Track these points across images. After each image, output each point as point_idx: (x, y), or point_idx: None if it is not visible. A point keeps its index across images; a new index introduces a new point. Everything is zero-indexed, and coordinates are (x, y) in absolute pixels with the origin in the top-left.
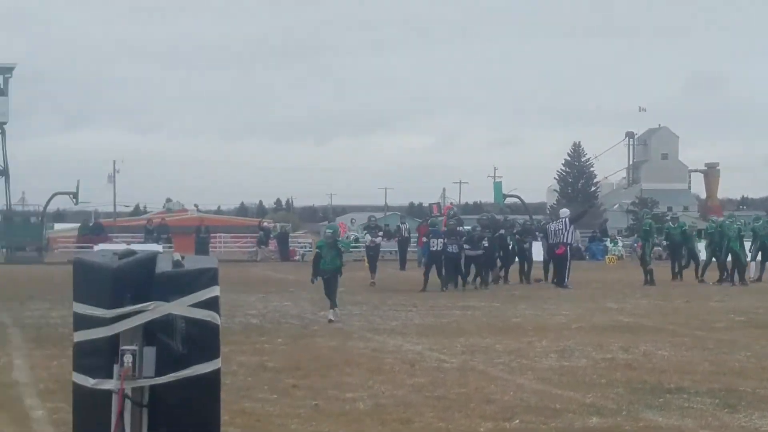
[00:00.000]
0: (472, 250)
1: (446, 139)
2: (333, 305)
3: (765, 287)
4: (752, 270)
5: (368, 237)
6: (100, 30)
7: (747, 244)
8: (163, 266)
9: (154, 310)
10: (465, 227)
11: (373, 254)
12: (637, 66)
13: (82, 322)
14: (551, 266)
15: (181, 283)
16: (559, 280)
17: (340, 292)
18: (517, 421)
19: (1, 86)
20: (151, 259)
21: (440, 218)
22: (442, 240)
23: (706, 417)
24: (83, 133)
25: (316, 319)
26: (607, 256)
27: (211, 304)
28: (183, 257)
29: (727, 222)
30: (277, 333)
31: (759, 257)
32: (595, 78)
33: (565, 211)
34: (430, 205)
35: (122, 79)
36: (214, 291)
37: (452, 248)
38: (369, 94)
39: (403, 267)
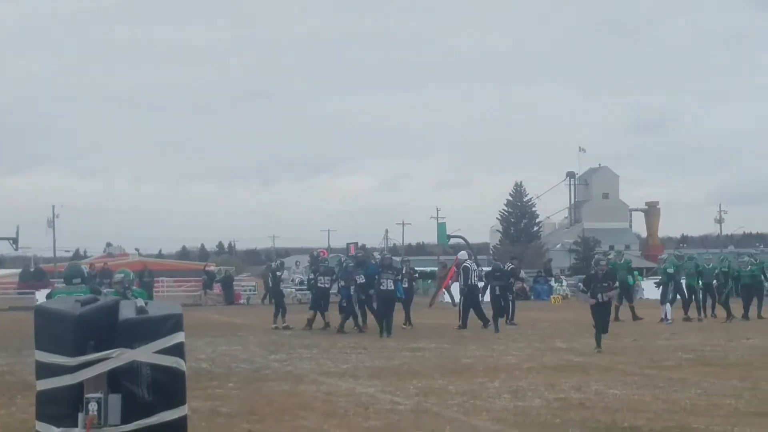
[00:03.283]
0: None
1: (390, 182)
2: None
3: (710, 325)
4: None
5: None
6: (42, 74)
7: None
8: (127, 313)
9: (119, 357)
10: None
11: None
12: (577, 107)
13: (44, 371)
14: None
15: (146, 330)
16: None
17: (288, 335)
18: None
19: None
20: (114, 305)
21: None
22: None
23: None
24: (22, 178)
25: (267, 363)
26: (552, 296)
27: (176, 350)
28: (147, 303)
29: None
30: (227, 378)
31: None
32: (536, 119)
33: (463, 254)
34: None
35: (63, 124)
36: (178, 337)
37: (387, 284)
38: (314, 138)
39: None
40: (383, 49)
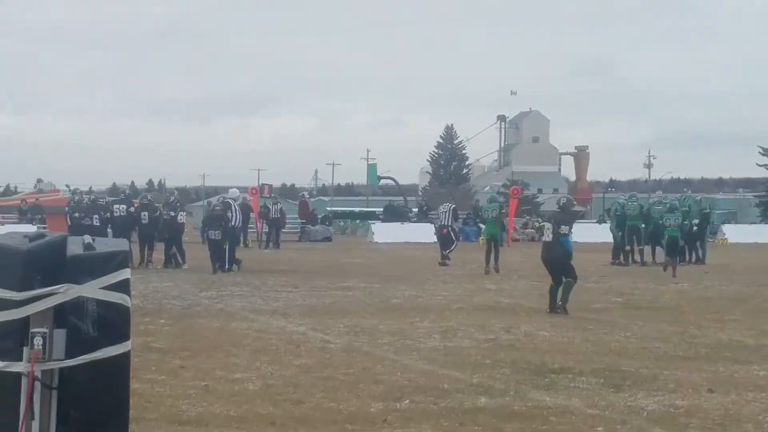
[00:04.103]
0: None
1: (323, 122)
2: None
3: (638, 270)
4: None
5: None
6: None
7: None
8: (74, 249)
9: (66, 292)
10: None
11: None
12: (511, 50)
13: None
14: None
15: (93, 266)
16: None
17: (221, 274)
18: (407, 401)
19: None
20: (62, 241)
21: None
22: None
23: (593, 397)
24: None
25: (198, 300)
26: (480, 238)
27: (122, 286)
28: (94, 240)
29: (628, 202)
30: (159, 314)
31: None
32: (470, 62)
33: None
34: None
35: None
36: (125, 273)
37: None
38: (250, 77)
39: (277, 245)
40: None
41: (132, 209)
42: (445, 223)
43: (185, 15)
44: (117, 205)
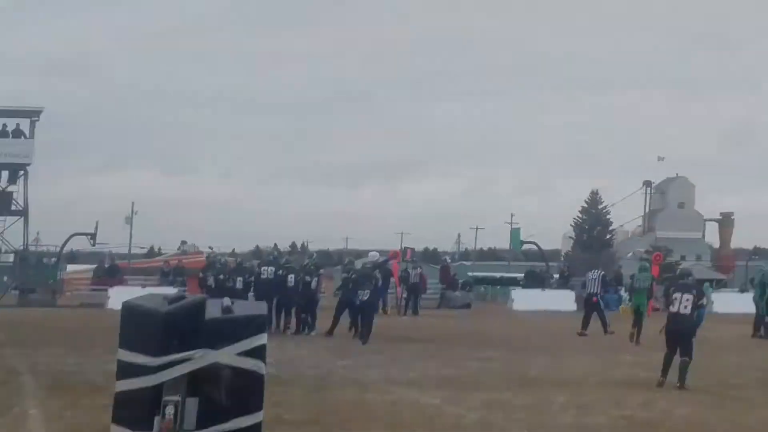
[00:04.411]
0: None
1: (468, 187)
2: None
3: None
4: None
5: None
6: (136, 72)
7: None
8: (213, 312)
9: (201, 358)
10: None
11: None
12: (660, 115)
13: (126, 370)
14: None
15: (230, 331)
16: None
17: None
18: None
19: (27, 129)
20: (201, 304)
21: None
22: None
23: None
24: (110, 176)
25: (334, 369)
26: (621, 306)
27: (258, 352)
28: (233, 302)
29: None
30: (293, 383)
31: None
32: (616, 127)
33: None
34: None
35: (153, 123)
36: (261, 339)
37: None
38: (396, 142)
39: (416, 312)
40: (461, 54)
41: (280, 272)
42: (594, 291)
43: (338, 81)
44: (264, 267)
